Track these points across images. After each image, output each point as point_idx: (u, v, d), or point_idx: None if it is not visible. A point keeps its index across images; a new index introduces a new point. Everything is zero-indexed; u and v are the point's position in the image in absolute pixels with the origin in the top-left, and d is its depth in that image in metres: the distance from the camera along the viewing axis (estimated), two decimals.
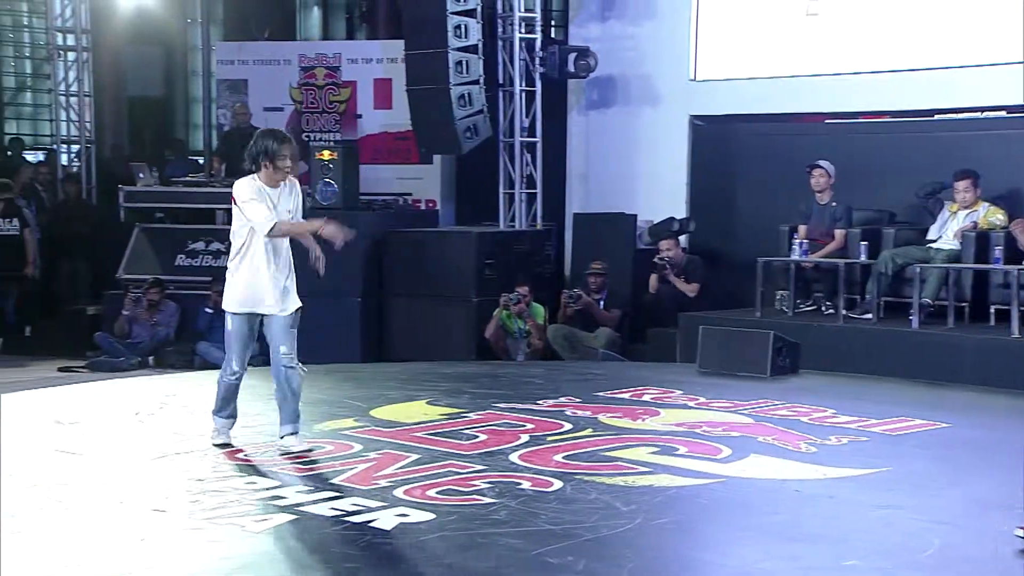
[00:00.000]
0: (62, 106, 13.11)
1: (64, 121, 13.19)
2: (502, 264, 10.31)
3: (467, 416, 6.59)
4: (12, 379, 9.21)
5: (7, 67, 17.33)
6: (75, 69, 12.92)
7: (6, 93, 17.24)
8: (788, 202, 9.56)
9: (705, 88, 10.81)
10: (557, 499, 4.84)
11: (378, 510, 4.64)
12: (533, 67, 10.98)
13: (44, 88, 16.73)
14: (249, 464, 5.48)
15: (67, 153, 13.33)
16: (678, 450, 5.76)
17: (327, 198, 10.61)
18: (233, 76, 12.65)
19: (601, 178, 11.43)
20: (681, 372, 8.39)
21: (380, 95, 12.17)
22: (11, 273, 11.30)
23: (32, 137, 17.20)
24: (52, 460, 5.56)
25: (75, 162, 13.18)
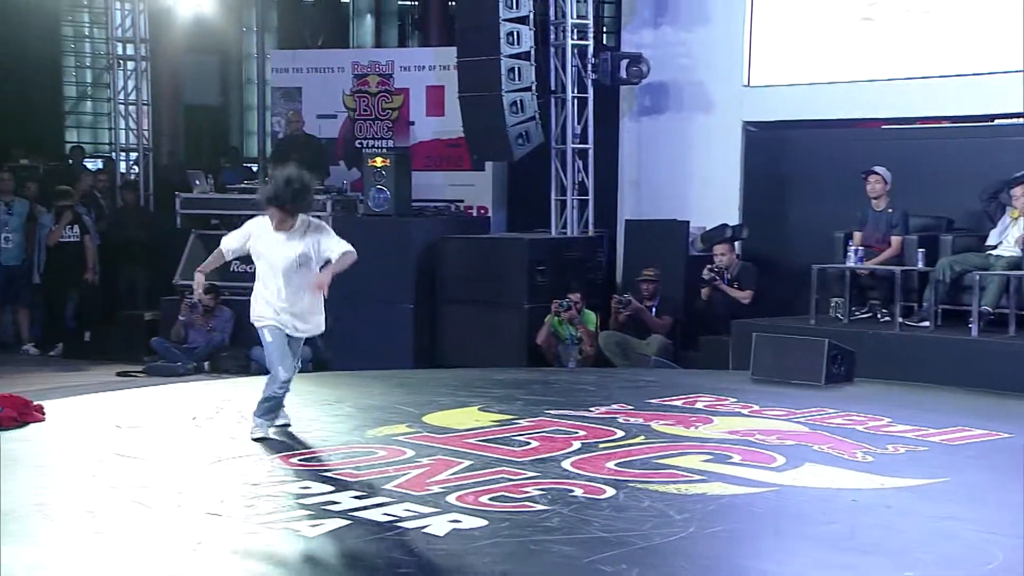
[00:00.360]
0: (121, 115, 13.33)
1: (123, 129, 13.41)
2: (554, 271, 10.30)
3: (519, 423, 6.58)
4: (73, 383, 9.37)
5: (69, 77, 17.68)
6: (134, 78, 13.13)
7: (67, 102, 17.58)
8: (843, 208, 9.47)
9: (759, 94, 10.73)
10: (610, 506, 4.83)
11: (431, 516, 4.65)
12: (585, 74, 10.98)
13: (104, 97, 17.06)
14: (303, 469, 5.52)
15: (125, 161, 13.55)
16: (732, 458, 5.72)
17: (379, 205, 10.68)
18: (287, 84, 12.79)
19: (653, 184, 11.38)
20: (734, 380, 8.32)
21: (432, 102, 12.23)
22: (71, 279, 11.49)
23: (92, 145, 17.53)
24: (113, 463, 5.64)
25: (133, 170, 13.39)
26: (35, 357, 11.23)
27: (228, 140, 18.79)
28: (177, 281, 11.23)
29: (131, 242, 12.01)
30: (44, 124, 16.14)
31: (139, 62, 13.11)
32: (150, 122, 13.39)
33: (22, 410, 6.56)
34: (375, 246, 10.63)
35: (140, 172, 13.11)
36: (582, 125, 11.04)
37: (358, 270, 11.09)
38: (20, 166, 12.99)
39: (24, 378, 9.60)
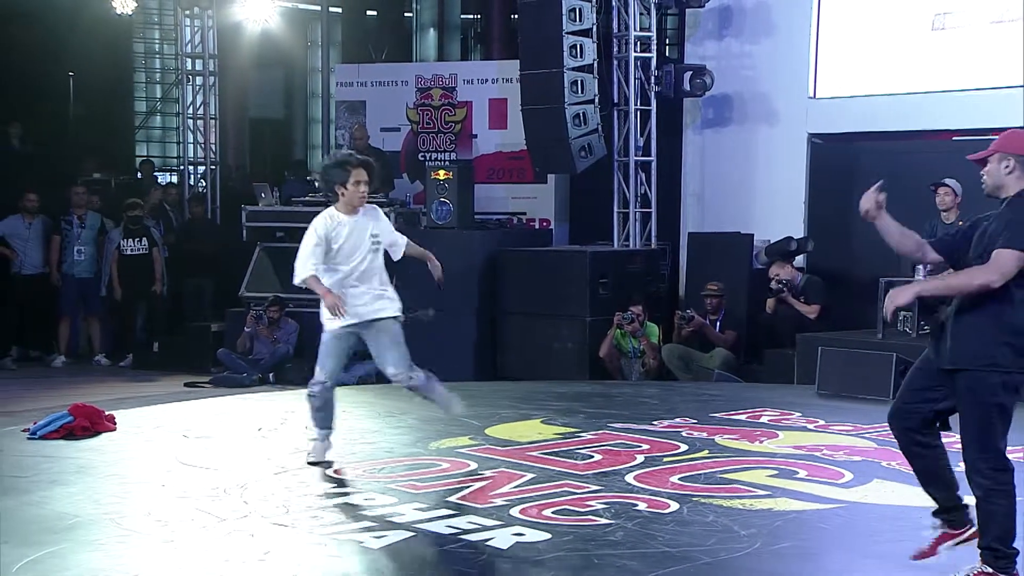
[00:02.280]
0: (189, 128, 13.57)
1: (191, 143, 13.64)
2: (616, 283, 10.28)
3: (582, 436, 6.58)
4: (142, 393, 9.53)
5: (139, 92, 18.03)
6: (202, 93, 13.36)
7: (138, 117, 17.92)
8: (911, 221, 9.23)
9: (824, 106, 10.63)
10: (674, 521, 4.81)
11: (494, 529, 4.66)
12: (648, 86, 10.95)
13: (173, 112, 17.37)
14: (367, 480, 5.56)
15: (193, 174, 13.78)
16: (798, 473, 5.66)
17: (442, 217, 10.74)
18: (351, 97, 12.91)
19: (717, 197, 11.31)
20: (799, 394, 8.26)
21: (495, 115, 12.28)
22: (140, 291, 11.69)
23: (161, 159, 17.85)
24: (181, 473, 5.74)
25: (201, 183, 13.60)
26: (106, 368, 11.44)
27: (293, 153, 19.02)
28: (243, 293, 11.37)
29: (198, 254, 12.19)
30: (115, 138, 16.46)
31: (207, 77, 13.34)
32: (217, 136, 13.60)
33: (94, 419, 6.70)
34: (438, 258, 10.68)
35: (207, 185, 13.32)
36: (645, 137, 11.01)
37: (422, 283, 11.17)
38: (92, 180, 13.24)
39: (96, 388, 9.80)
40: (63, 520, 4.82)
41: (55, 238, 11.65)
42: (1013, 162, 4.17)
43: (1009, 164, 4.18)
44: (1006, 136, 4.27)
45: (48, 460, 5.98)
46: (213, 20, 13.20)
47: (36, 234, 11.65)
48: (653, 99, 10.96)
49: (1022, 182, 4.18)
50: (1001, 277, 4.05)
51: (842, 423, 6.99)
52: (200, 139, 13.48)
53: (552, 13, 10.41)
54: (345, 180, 5.81)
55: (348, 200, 5.86)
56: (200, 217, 12.76)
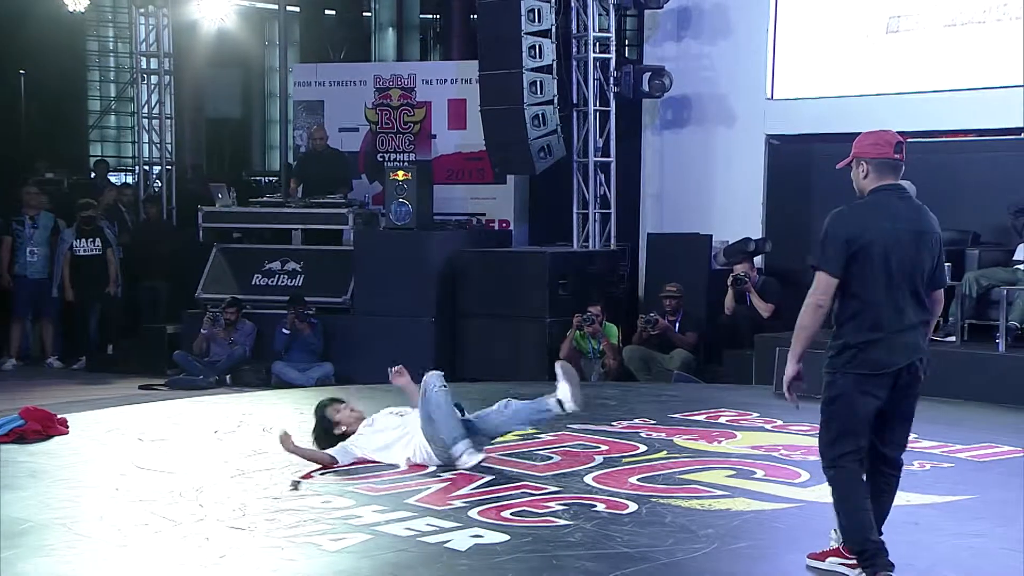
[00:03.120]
0: (144, 128, 13.43)
1: (146, 143, 13.51)
2: (575, 284, 10.30)
3: (541, 437, 6.58)
4: (96, 396, 9.43)
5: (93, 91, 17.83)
6: (157, 92, 13.24)
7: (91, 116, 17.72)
8: None
9: (782, 107, 10.72)
10: (632, 522, 4.83)
11: (452, 531, 4.67)
12: (607, 87, 10.98)
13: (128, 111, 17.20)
14: (325, 483, 5.54)
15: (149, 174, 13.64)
16: (755, 473, 5.70)
17: (401, 218, 10.71)
18: (310, 97, 12.85)
19: (675, 198, 11.36)
20: (757, 394, 8.30)
21: (454, 115, 12.26)
22: (94, 292, 11.56)
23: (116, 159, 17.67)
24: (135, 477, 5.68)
25: (156, 183, 13.48)
26: (59, 370, 11.30)
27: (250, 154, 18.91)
28: (199, 295, 11.29)
29: (154, 255, 12.08)
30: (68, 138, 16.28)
31: (162, 76, 13.21)
32: (173, 135, 13.48)
33: (46, 423, 6.62)
34: (396, 260, 10.70)
35: (163, 185, 13.20)
36: (604, 138, 11.05)
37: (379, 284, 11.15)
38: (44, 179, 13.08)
39: (48, 391, 9.67)
40: (14, 525, 4.75)
41: (6, 239, 11.49)
42: (865, 165, 4.23)
43: (863, 167, 4.23)
44: (858, 139, 4.29)
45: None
46: (168, 18, 13.09)
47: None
48: (612, 100, 10.99)
49: (875, 182, 4.21)
50: (823, 296, 4.17)
51: (799, 423, 7.02)
52: (156, 139, 13.35)
53: (511, 13, 10.41)
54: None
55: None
56: (155, 218, 12.65)
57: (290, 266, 11.27)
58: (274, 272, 11.32)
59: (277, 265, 11.31)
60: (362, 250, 10.83)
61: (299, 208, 11.52)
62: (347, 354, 10.57)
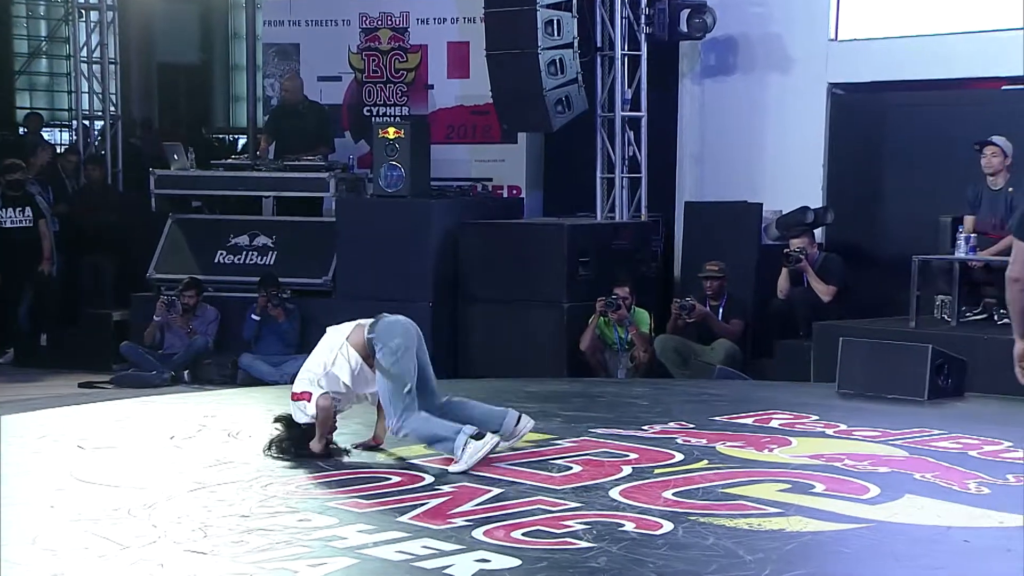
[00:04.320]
0: (83, 75, 13.45)
1: (85, 93, 13.53)
2: (599, 263, 10.33)
3: (558, 443, 6.61)
4: (25, 395, 9.48)
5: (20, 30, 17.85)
6: (98, 31, 13.25)
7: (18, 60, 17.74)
8: (951, 187, 9.42)
9: (848, 49, 10.70)
10: (667, 544, 4.84)
11: (453, 554, 4.68)
12: (638, 27, 10.98)
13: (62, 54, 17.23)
14: (303, 498, 5.57)
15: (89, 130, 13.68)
16: (814, 487, 5.71)
17: (392, 184, 10.73)
18: (282, 40, 12.87)
19: (719, 160, 11.38)
20: (816, 393, 8.31)
21: (455, 62, 12.27)
22: (24, 272, 11.60)
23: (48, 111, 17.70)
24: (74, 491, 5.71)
25: (98, 140, 13.51)
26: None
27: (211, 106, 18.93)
28: (151, 275, 11.34)
29: (96, 228, 12.13)
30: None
31: (104, 12, 13.24)
32: (118, 84, 13.52)
33: None
34: (387, 233, 10.74)
35: (106, 144, 13.24)
36: (634, 89, 11.05)
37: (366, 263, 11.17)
38: None
39: None
40: None
41: None
42: None
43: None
44: None
45: None
46: None
47: None
48: (644, 43, 10.98)
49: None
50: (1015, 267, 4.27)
51: (867, 428, 7.04)
52: (97, 88, 13.37)
53: None
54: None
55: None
56: (98, 182, 12.70)
57: (260, 241, 11.31)
58: (241, 248, 11.36)
59: (245, 240, 11.35)
60: (346, 222, 10.86)
61: (270, 172, 11.55)
62: None
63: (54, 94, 18.17)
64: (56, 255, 11.82)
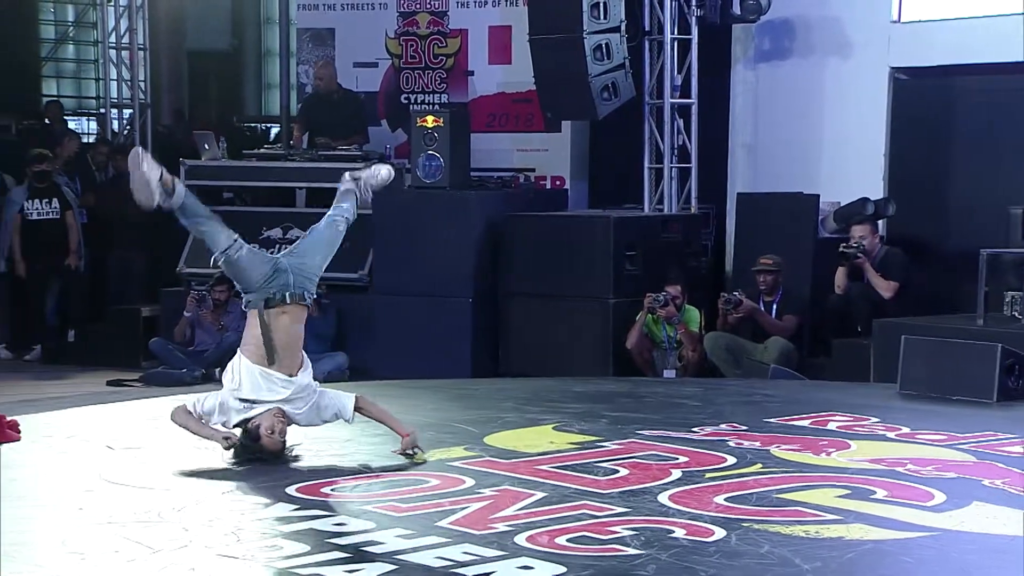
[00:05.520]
0: (111, 62, 13.55)
1: (114, 80, 13.64)
2: (647, 257, 10.32)
3: (604, 446, 6.61)
4: (53, 393, 9.56)
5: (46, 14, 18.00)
6: (127, 16, 13.35)
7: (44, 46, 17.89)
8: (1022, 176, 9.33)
9: (912, 32, 10.64)
10: (719, 552, 4.83)
11: (495, 560, 4.68)
12: (688, 9, 10.95)
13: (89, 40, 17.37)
14: (338, 501, 5.59)
15: (117, 119, 13.78)
16: (875, 493, 5.68)
17: (431, 175, 10.76)
18: (317, 24, 12.91)
19: (773, 149, 11.34)
20: (876, 394, 8.28)
21: (496, 47, 12.27)
22: (51, 265, 11.70)
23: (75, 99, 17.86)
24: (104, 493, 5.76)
25: (126, 130, 13.61)
26: (8, 362, 11.49)
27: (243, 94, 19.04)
28: (181, 269, 11.42)
29: (125, 220, 12.20)
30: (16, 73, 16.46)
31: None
32: (147, 71, 13.61)
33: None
34: (425, 226, 10.77)
35: (135, 133, 13.33)
36: (684, 75, 11.03)
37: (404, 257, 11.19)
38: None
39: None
40: None
41: None
42: None
43: None
44: None
45: None
46: None
47: None
48: (694, 26, 10.96)
49: None
50: None
51: (931, 431, 6.99)
52: (125, 75, 13.47)
53: None
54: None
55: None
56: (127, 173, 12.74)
57: (293, 234, 11.32)
58: (274, 241, 11.41)
59: (277, 232, 11.41)
60: (383, 214, 10.88)
61: (304, 162, 11.59)
62: (364, 342, 10.65)
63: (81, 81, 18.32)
64: (83, 248, 11.91)
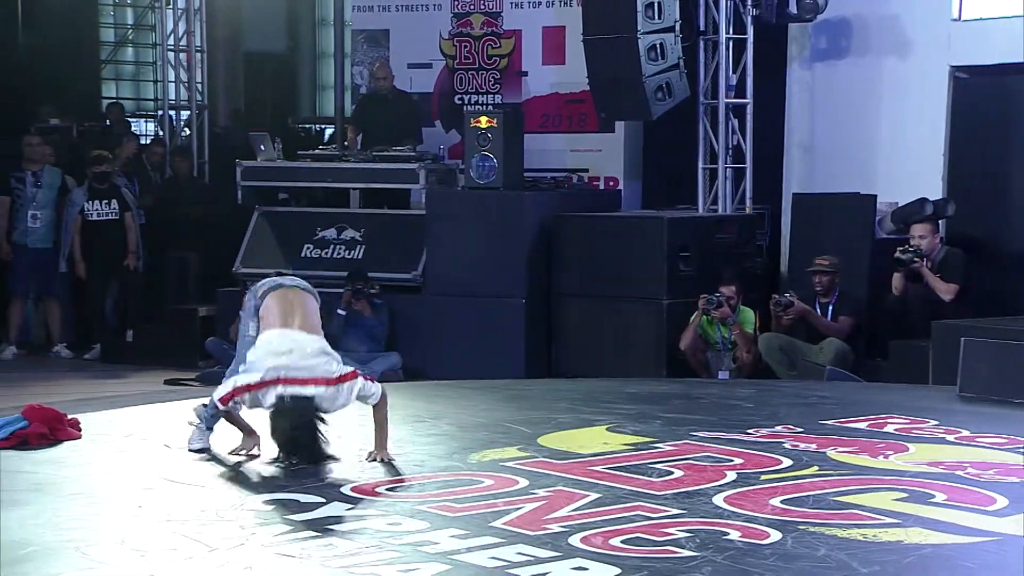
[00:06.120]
0: (169, 63, 13.66)
1: (171, 82, 13.75)
2: (701, 257, 10.29)
3: (658, 447, 6.59)
4: (112, 392, 9.65)
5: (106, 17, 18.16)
6: (185, 19, 13.45)
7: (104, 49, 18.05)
8: None
9: (973, 29, 10.54)
10: (775, 554, 4.80)
11: (549, 561, 4.68)
12: (744, 9, 10.91)
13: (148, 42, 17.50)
14: (393, 501, 5.60)
15: (175, 120, 13.88)
16: (934, 497, 5.64)
17: (485, 176, 10.77)
18: (372, 26, 12.96)
19: (829, 149, 11.28)
20: (935, 397, 8.22)
21: (550, 47, 12.27)
22: (110, 266, 11.81)
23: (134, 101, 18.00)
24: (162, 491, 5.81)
25: (184, 131, 13.71)
26: (68, 361, 11.60)
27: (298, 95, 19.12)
28: (238, 269, 11.49)
29: (182, 220, 12.31)
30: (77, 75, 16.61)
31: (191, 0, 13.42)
32: (204, 73, 13.71)
33: (53, 425, 6.77)
34: (479, 226, 10.78)
35: (192, 134, 13.43)
36: (739, 74, 11.00)
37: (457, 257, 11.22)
38: (48, 127, 13.39)
39: (55, 386, 9.95)
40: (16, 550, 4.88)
41: (3, 199, 11.79)
42: None
43: None
44: None
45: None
46: None
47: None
48: (750, 25, 10.92)
49: None
50: None
51: (992, 434, 6.92)
52: (183, 77, 13.58)
53: None
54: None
55: None
56: (184, 174, 12.89)
57: (348, 234, 11.40)
58: (328, 241, 11.47)
59: (332, 233, 11.45)
60: (436, 215, 10.92)
61: (358, 163, 11.64)
62: (417, 342, 10.67)
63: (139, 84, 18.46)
64: (142, 249, 12.02)
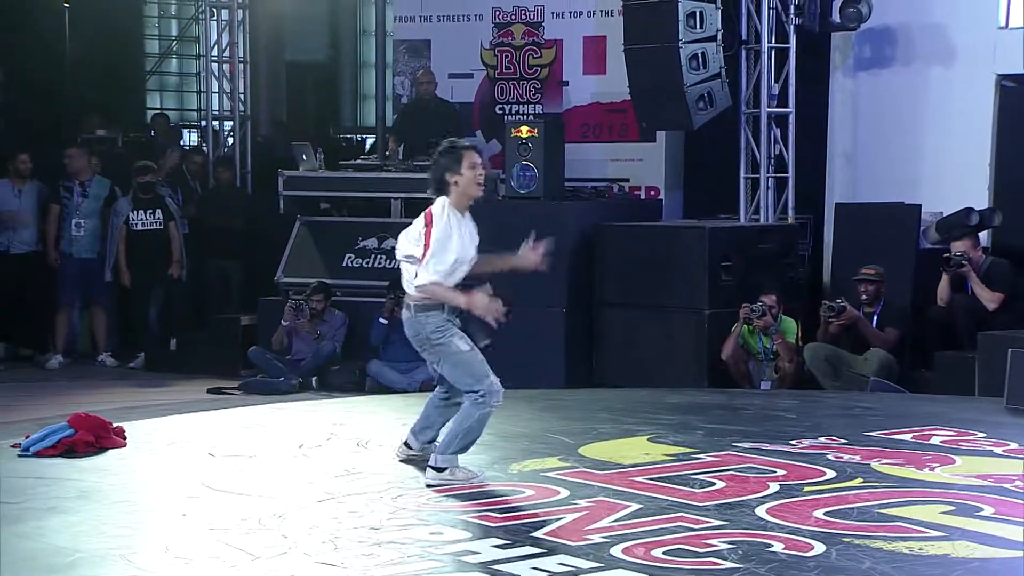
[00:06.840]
0: (212, 75, 13.75)
1: (215, 93, 13.83)
2: (743, 267, 10.24)
3: (700, 458, 6.59)
4: (157, 401, 9.72)
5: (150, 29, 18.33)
6: (228, 31, 13.54)
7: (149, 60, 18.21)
8: None
9: (1019, 38, 10.45)
10: (819, 567, 4.79)
11: (591, 572, 4.69)
12: (787, 18, 10.86)
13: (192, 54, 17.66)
14: (434, 510, 5.61)
15: (218, 131, 13.97)
16: (982, 510, 5.61)
17: (525, 185, 10.77)
18: (413, 36, 13.00)
19: (873, 158, 11.20)
20: (982, 408, 8.16)
21: (591, 57, 12.26)
22: (154, 275, 11.88)
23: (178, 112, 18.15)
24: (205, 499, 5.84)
25: (227, 142, 13.79)
26: (113, 369, 11.68)
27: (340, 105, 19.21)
28: (280, 278, 11.53)
29: (224, 230, 12.37)
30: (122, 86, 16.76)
31: (234, 11, 13.52)
32: (247, 84, 13.80)
33: (99, 433, 6.84)
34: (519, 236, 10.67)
35: (235, 144, 13.52)
36: (781, 84, 10.94)
37: None
38: (94, 137, 13.50)
39: (100, 394, 10.02)
40: (62, 556, 4.94)
41: (53, 207, 11.88)
42: None
43: None
44: None
45: (44, 482, 6.13)
46: None
47: (28, 204, 11.92)
48: (792, 35, 10.87)
49: None
50: None
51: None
52: (226, 88, 13.67)
53: None
54: (458, 166, 6.12)
55: (464, 189, 6.24)
56: (227, 184, 12.96)
57: (389, 244, 11.41)
58: (370, 251, 11.50)
59: (373, 242, 11.49)
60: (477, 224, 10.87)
61: (400, 173, 11.67)
62: None
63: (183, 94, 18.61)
64: (185, 258, 12.09)
